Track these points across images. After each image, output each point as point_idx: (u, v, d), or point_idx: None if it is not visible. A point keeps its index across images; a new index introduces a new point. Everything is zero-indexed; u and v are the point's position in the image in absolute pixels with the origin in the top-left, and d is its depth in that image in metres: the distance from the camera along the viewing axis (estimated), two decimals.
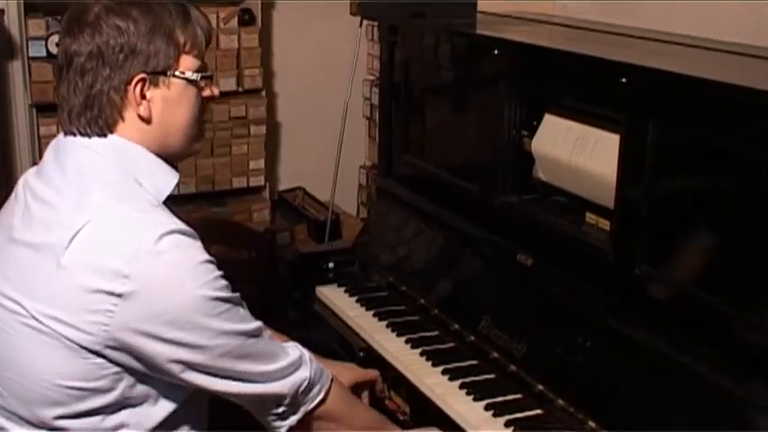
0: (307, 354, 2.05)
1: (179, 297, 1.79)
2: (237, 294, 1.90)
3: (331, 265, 3.12)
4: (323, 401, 2.06)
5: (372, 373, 2.54)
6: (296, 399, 2.01)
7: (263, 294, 3.42)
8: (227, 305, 1.85)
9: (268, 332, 1.98)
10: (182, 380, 1.87)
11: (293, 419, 2.03)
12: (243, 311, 1.90)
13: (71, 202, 1.84)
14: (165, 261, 1.78)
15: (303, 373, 2.00)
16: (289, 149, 4.81)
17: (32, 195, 1.92)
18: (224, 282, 1.86)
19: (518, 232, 2.57)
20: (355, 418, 2.16)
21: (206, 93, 2.01)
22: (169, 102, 1.94)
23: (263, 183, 4.47)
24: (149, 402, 1.92)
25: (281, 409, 2.00)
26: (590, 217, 2.43)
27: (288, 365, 1.98)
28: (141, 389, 1.89)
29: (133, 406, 1.91)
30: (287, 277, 3.12)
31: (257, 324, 1.93)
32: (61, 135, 1.97)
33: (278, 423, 2.03)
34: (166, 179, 1.96)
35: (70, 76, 1.90)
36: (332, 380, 2.09)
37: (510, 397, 2.35)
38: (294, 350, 2.02)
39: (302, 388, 2.00)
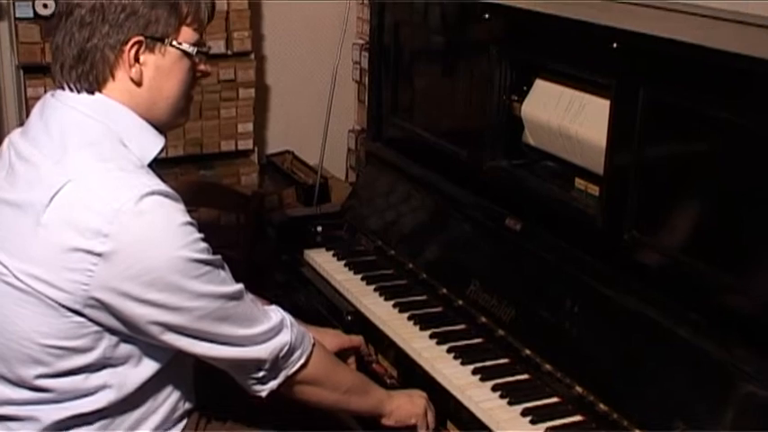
0: (288, 318, 2.04)
1: (159, 258, 1.78)
2: (218, 257, 1.89)
3: (319, 228, 3.12)
4: (304, 366, 2.06)
5: (356, 339, 2.54)
6: (276, 363, 2.00)
7: (251, 258, 3.42)
8: (208, 267, 1.84)
9: (249, 296, 1.97)
10: (161, 341, 1.87)
11: (274, 384, 2.03)
12: (223, 274, 1.90)
13: (52, 160, 1.83)
14: (146, 221, 1.77)
15: (284, 338, 2.00)
16: (278, 113, 4.79)
17: (16, 154, 1.91)
18: (204, 244, 1.85)
19: (507, 197, 2.57)
20: (338, 381, 2.16)
21: (200, 68, 2.00)
22: (161, 70, 1.93)
23: (251, 146, 4.45)
24: (131, 363, 1.92)
25: (261, 374, 2.00)
26: (579, 182, 2.43)
27: (269, 330, 1.97)
28: (123, 349, 1.89)
29: (114, 366, 1.91)
30: (275, 241, 3.12)
31: (238, 287, 1.93)
32: (48, 94, 1.96)
33: (258, 387, 2.02)
34: (152, 143, 1.95)
35: (68, 26, 1.89)
36: (314, 344, 2.09)
37: (497, 361, 2.36)
38: (276, 314, 2.02)
39: (283, 352, 2.00)
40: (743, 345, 1.89)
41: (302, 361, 2.05)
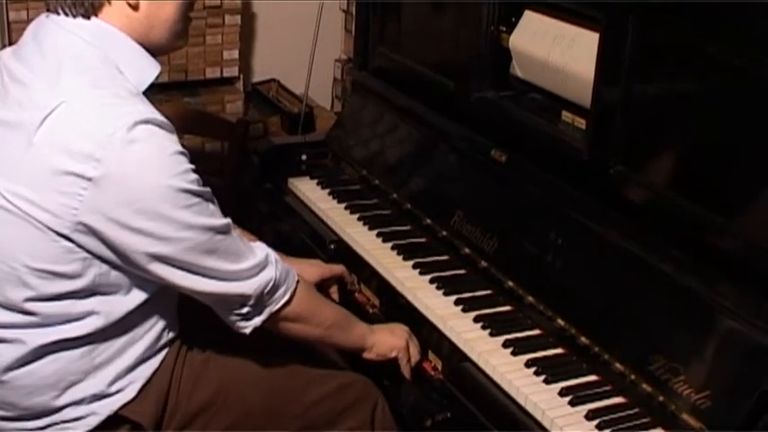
0: (273, 255, 2.03)
1: (149, 186, 1.77)
2: (208, 189, 1.88)
3: (304, 157, 3.11)
4: (288, 303, 2.05)
5: (337, 268, 2.55)
6: (261, 299, 2.00)
7: (235, 185, 3.41)
8: (197, 199, 1.83)
9: (237, 231, 1.97)
10: (147, 271, 1.86)
11: (258, 321, 2.02)
12: (212, 207, 1.89)
13: (45, 82, 1.82)
14: (138, 149, 1.76)
15: (269, 274, 1.99)
16: (264, 41, 4.73)
17: (8, 74, 1.89)
18: (195, 175, 1.84)
19: (493, 128, 2.56)
20: (321, 317, 2.16)
21: None
22: None
23: (237, 74, 4.41)
24: (120, 293, 1.93)
25: (245, 310, 2.00)
26: (566, 115, 2.43)
27: (254, 265, 1.97)
28: (112, 278, 1.89)
29: (103, 294, 1.91)
30: (259, 169, 3.10)
31: (226, 221, 1.92)
32: (42, 16, 1.93)
33: (242, 323, 2.02)
34: (148, 69, 1.94)
35: None
36: (298, 281, 2.09)
37: (480, 293, 2.37)
38: (261, 250, 2.01)
39: (267, 289, 1.99)
40: (725, 281, 1.90)
41: (286, 298, 2.05)
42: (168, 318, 2.07)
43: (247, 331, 2.03)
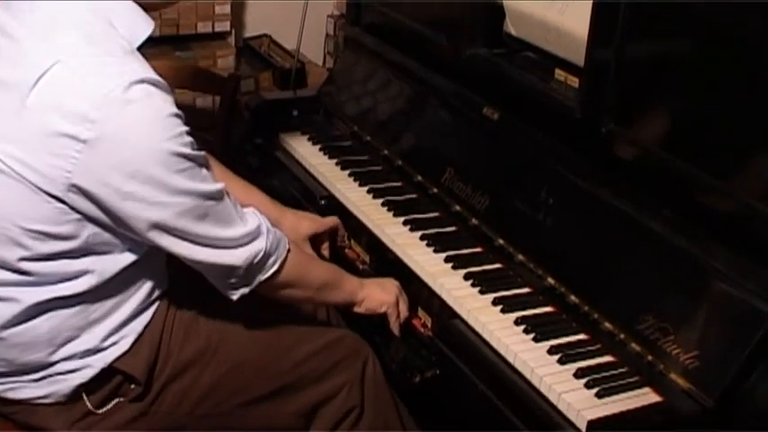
0: (265, 223, 2.01)
1: (143, 148, 1.75)
2: (202, 153, 1.85)
3: (295, 113, 3.10)
4: (278, 272, 2.04)
5: (331, 220, 2.54)
6: (250, 270, 1.98)
7: (226, 140, 3.39)
8: (190, 163, 1.81)
9: (230, 197, 1.94)
10: (140, 235, 1.86)
11: (246, 290, 2.02)
12: (205, 172, 1.86)
13: (39, 40, 1.79)
14: (133, 110, 1.73)
15: (259, 244, 1.97)
16: None
17: (0, 31, 1.86)
18: (189, 138, 1.81)
19: (486, 86, 2.55)
20: (311, 280, 2.15)
21: None
22: None
23: (228, 28, 4.39)
24: (114, 252, 1.92)
25: (233, 280, 1.99)
26: (559, 73, 2.42)
27: (245, 234, 1.95)
28: (106, 237, 1.88)
29: (98, 253, 1.90)
30: (250, 124, 3.09)
31: (219, 186, 1.89)
32: None
33: (230, 291, 2.02)
34: (142, 25, 1.90)
35: None
36: (288, 249, 2.07)
37: (470, 250, 2.37)
38: (253, 218, 1.99)
39: (257, 259, 1.98)
40: (716, 241, 1.90)
41: (276, 267, 2.03)
42: (159, 272, 2.07)
43: (235, 298, 2.03)
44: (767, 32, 1.78)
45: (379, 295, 2.26)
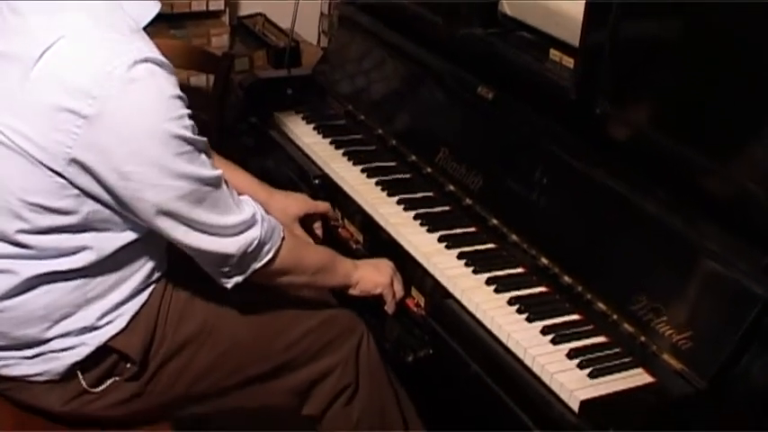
0: (260, 212, 2.02)
1: (143, 127, 1.74)
2: (203, 139, 1.85)
3: (289, 91, 3.09)
4: (272, 260, 2.05)
5: (323, 205, 2.55)
6: (244, 258, 1.99)
7: (220, 119, 3.39)
8: (190, 147, 1.81)
9: (227, 185, 1.94)
10: (136, 215, 1.86)
11: (239, 278, 2.02)
12: (204, 157, 1.86)
13: (45, 15, 1.78)
14: (136, 89, 1.73)
15: (254, 233, 1.97)
16: None
17: (7, 5, 1.85)
18: (190, 122, 1.81)
19: (480, 65, 2.54)
20: (306, 266, 2.16)
21: None
22: None
23: (222, 7, 4.38)
24: (114, 230, 1.92)
25: (226, 268, 1.99)
26: (554, 54, 2.41)
27: (240, 222, 1.95)
28: (106, 214, 1.87)
29: (97, 230, 1.90)
30: (244, 103, 3.08)
31: (217, 172, 1.89)
32: None
33: (223, 279, 2.02)
34: (149, 5, 1.91)
35: None
36: (283, 237, 2.07)
37: (464, 230, 2.37)
38: (248, 206, 1.99)
39: (251, 248, 1.98)
40: (709, 222, 1.90)
41: (270, 255, 2.04)
42: (159, 254, 2.07)
43: (229, 286, 2.03)
44: (761, 13, 1.78)
45: (373, 276, 2.26)
